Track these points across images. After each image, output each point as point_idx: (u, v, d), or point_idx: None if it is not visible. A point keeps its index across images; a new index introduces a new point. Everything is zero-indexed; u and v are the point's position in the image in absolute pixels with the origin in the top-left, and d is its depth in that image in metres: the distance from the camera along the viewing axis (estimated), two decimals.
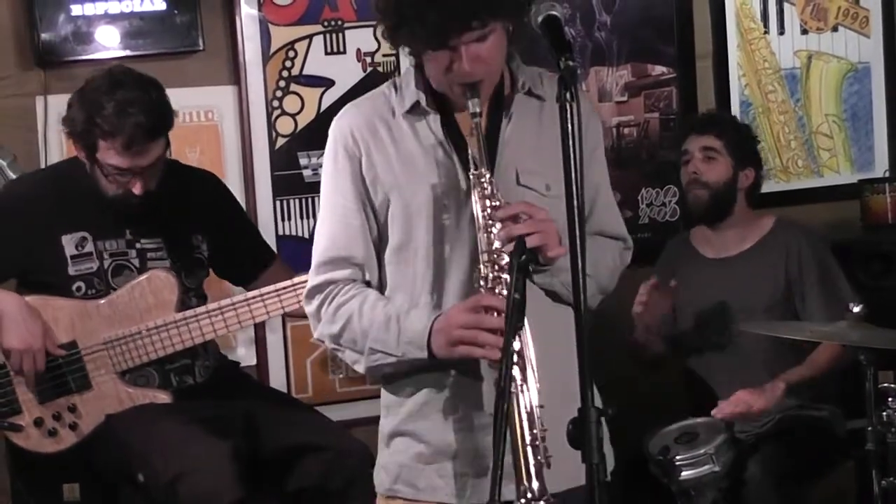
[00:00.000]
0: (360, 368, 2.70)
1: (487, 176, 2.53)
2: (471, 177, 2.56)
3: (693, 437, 3.79)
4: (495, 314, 2.49)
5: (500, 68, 2.65)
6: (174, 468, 3.42)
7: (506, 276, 2.49)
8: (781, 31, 5.06)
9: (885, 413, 3.48)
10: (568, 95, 2.23)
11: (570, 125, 2.23)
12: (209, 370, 3.75)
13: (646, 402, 4.01)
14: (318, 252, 2.72)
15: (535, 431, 2.42)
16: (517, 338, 2.39)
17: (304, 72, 4.48)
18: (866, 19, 5.16)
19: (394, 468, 2.73)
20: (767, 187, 4.30)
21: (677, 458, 3.70)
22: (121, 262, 3.62)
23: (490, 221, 2.52)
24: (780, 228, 4.20)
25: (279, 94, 4.45)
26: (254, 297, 3.63)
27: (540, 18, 2.44)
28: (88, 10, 4.17)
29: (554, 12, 2.45)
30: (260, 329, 4.45)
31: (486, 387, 2.60)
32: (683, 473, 3.69)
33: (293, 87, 4.47)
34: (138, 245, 3.64)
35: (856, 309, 3.55)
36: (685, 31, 4.93)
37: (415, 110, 2.67)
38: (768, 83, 5.05)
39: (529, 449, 2.41)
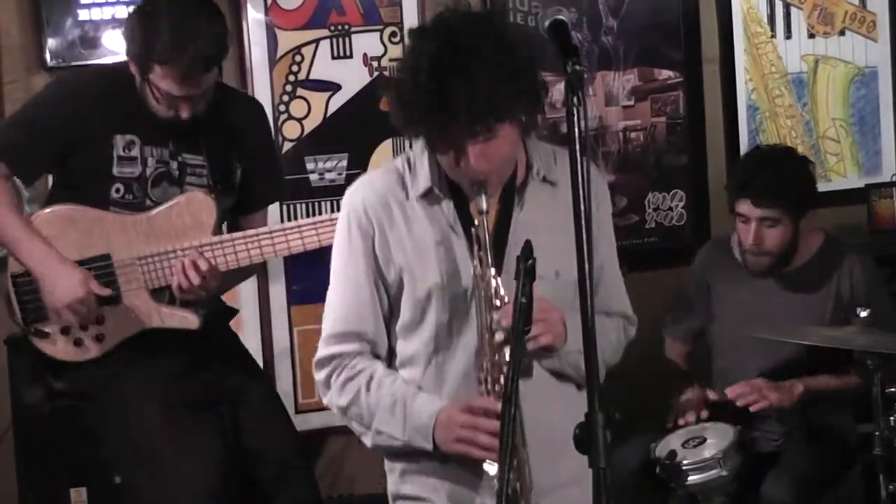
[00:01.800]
0: (367, 442, 2.72)
1: (491, 273, 2.54)
2: (475, 276, 2.57)
3: (701, 442, 3.78)
4: (494, 417, 2.50)
5: (511, 162, 2.63)
6: (155, 487, 3.46)
7: (503, 378, 2.51)
8: (788, 36, 5.05)
9: (892, 418, 3.48)
10: (575, 100, 2.23)
11: (576, 129, 2.22)
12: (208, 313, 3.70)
13: (653, 405, 4.01)
14: (328, 324, 2.73)
15: None
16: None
17: (311, 76, 4.49)
18: (873, 23, 5.15)
19: None
20: None
21: (684, 462, 3.70)
22: (162, 170, 3.58)
23: (492, 323, 2.54)
24: (829, 247, 4.06)
25: (286, 98, 4.46)
26: (291, 227, 3.58)
27: (547, 23, 2.43)
28: (96, 14, 4.19)
29: (560, 17, 2.44)
30: (267, 332, 4.46)
31: (483, 483, 2.61)
32: (690, 478, 3.69)
33: (300, 91, 4.47)
34: (180, 158, 3.60)
35: (863, 314, 3.55)
36: (692, 35, 4.92)
37: (428, 195, 2.66)
38: (775, 87, 5.05)
39: None
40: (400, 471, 2.74)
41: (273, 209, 4.33)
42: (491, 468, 2.54)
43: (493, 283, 2.54)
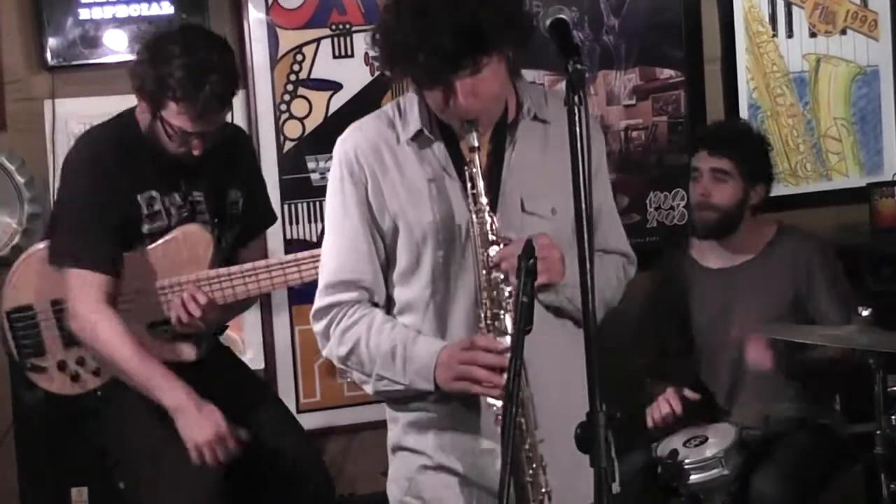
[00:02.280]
0: (368, 390, 2.71)
1: (486, 211, 2.53)
2: (470, 214, 2.56)
3: (702, 441, 3.78)
4: (492, 354, 2.51)
5: (501, 99, 2.62)
6: (155, 488, 3.48)
7: (503, 313, 2.52)
8: (790, 35, 5.05)
9: (893, 417, 3.48)
10: (576, 99, 2.23)
11: (578, 128, 2.22)
12: (209, 347, 3.70)
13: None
14: (325, 274, 2.72)
15: (531, 470, 2.48)
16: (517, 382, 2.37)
17: (312, 75, 4.48)
18: (875, 22, 5.15)
19: (402, 481, 2.75)
20: (776, 191, 4.28)
21: (686, 461, 3.70)
22: (184, 215, 3.56)
23: (489, 261, 2.53)
24: (783, 236, 4.14)
25: (287, 97, 4.45)
26: (289, 262, 3.56)
27: (548, 22, 2.44)
28: (96, 13, 4.18)
29: (562, 16, 2.44)
30: (268, 333, 4.45)
31: (483, 419, 2.61)
32: (692, 477, 3.69)
33: (301, 90, 4.47)
34: (190, 198, 3.59)
35: (864, 312, 3.55)
36: (693, 34, 4.92)
37: (419, 138, 2.65)
38: (777, 87, 5.04)
39: (529, 487, 2.47)
40: (403, 422, 2.73)
41: (275, 209, 4.33)
42: (493, 403, 2.52)
43: (488, 219, 2.53)
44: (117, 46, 4.19)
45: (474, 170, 2.53)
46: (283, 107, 4.45)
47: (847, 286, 4.07)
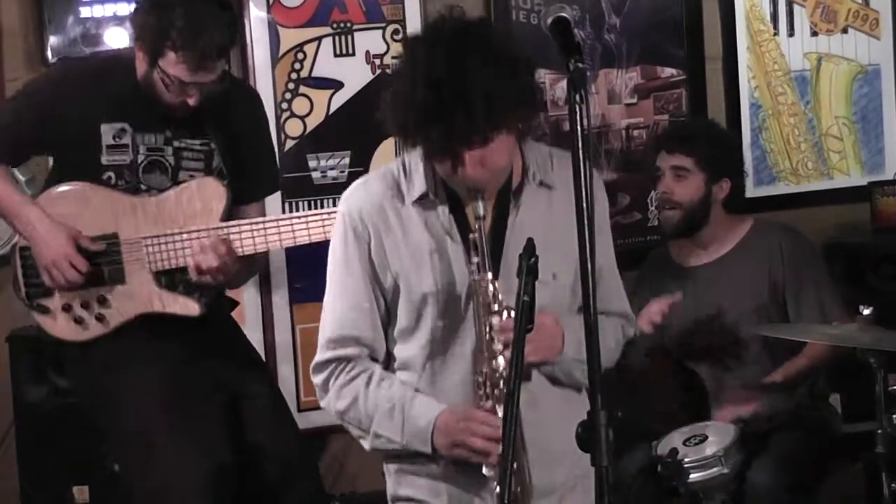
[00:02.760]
0: (366, 446, 2.72)
1: (489, 277, 2.54)
2: (472, 282, 2.57)
3: (702, 440, 3.78)
4: (489, 427, 2.53)
5: (508, 168, 2.62)
6: (152, 480, 3.48)
7: (501, 382, 2.53)
8: (791, 33, 5.05)
9: (894, 416, 3.48)
10: (577, 98, 2.23)
11: (578, 127, 2.22)
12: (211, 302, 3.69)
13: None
14: (326, 329, 2.73)
15: None
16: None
17: (313, 74, 4.48)
18: (876, 21, 5.15)
19: None
20: (777, 190, 4.29)
21: (686, 460, 3.70)
22: (155, 157, 3.58)
23: (489, 330, 2.54)
24: (759, 229, 4.15)
25: (288, 96, 4.46)
26: (298, 217, 3.57)
27: (549, 20, 2.43)
28: (97, 11, 4.19)
29: (563, 14, 2.44)
30: (269, 332, 4.46)
31: (481, 485, 2.61)
32: (692, 476, 3.69)
33: (302, 89, 4.47)
34: (175, 143, 3.59)
35: (865, 311, 3.54)
36: (695, 33, 4.92)
37: (423, 200, 2.65)
38: (778, 85, 5.04)
39: None
40: (396, 471, 2.75)
41: (276, 208, 4.34)
42: (489, 472, 2.55)
43: (491, 287, 2.54)
44: (118, 44, 4.19)
45: (480, 238, 2.53)
46: (284, 105, 4.45)
47: (825, 279, 4.07)
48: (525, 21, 4.61)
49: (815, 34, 5.08)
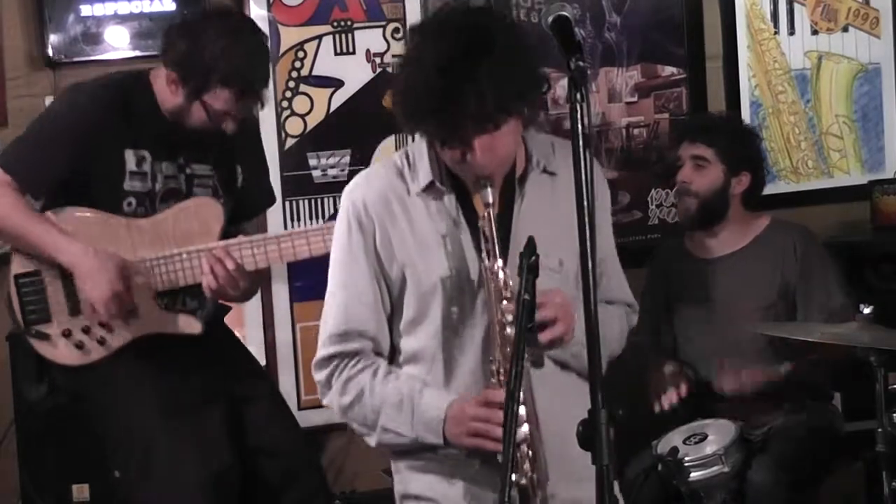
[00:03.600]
0: (371, 442, 2.70)
1: (500, 264, 2.53)
2: (482, 270, 2.56)
3: (702, 438, 3.78)
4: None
5: (514, 155, 2.63)
6: (151, 487, 3.48)
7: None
8: (792, 32, 5.05)
9: (895, 415, 3.48)
10: (578, 96, 2.23)
11: (579, 126, 2.22)
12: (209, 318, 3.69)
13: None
14: (329, 324, 2.70)
15: None
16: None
17: (314, 72, 4.49)
18: (877, 20, 5.15)
19: None
20: (777, 188, 4.29)
21: (686, 459, 3.69)
22: (171, 186, 3.57)
23: (501, 316, 2.53)
24: (775, 227, 4.16)
25: (288, 94, 4.46)
26: (298, 233, 3.55)
27: (550, 19, 2.43)
28: (98, 10, 4.19)
29: (564, 13, 2.43)
30: (269, 331, 4.46)
31: (492, 469, 2.58)
32: (693, 474, 3.68)
33: (302, 87, 4.47)
34: (188, 170, 3.59)
35: (866, 310, 3.55)
36: (695, 31, 4.92)
37: (429, 189, 2.64)
38: (778, 84, 5.04)
39: None
40: (406, 468, 2.72)
41: (276, 206, 4.33)
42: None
43: (501, 274, 2.53)
44: (119, 43, 4.19)
45: (489, 226, 2.53)
46: (285, 104, 4.45)
47: (836, 281, 4.07)
48: (525, 19, 4.61)
49: (815, 33, 5.08)
